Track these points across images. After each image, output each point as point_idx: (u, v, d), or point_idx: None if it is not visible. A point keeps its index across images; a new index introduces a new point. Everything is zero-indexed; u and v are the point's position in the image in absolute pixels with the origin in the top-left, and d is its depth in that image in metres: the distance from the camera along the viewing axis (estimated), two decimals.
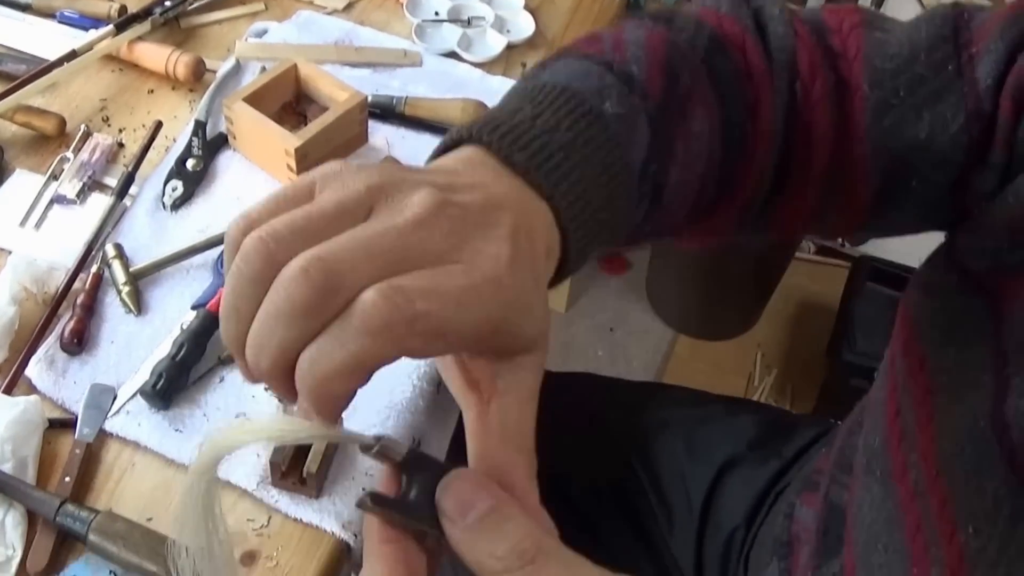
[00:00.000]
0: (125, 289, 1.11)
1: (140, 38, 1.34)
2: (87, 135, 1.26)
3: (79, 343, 1.07)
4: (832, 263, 2.66)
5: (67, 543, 0.97)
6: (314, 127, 1.21)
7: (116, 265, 1.13)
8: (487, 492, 0.49)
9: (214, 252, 1.16)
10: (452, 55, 1.42)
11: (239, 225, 0.50)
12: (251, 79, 1.30)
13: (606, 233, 0.62)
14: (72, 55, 1.27)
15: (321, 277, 0.46)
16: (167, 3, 1.37)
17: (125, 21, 1.33)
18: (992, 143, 0.76)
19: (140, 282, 1.12)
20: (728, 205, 0.79)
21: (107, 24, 1.34)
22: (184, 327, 1.08)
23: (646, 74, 0.69)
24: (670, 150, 0.69)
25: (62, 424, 1.04)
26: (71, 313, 1.09)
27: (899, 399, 0.85)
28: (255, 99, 1.23)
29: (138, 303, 1.11)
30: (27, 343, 1.06)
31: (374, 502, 0.49)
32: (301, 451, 0.98)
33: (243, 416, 1.05)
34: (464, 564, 0.49)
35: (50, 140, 1.27)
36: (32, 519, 0.97)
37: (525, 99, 0.63)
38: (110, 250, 1.14)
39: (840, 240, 2.58)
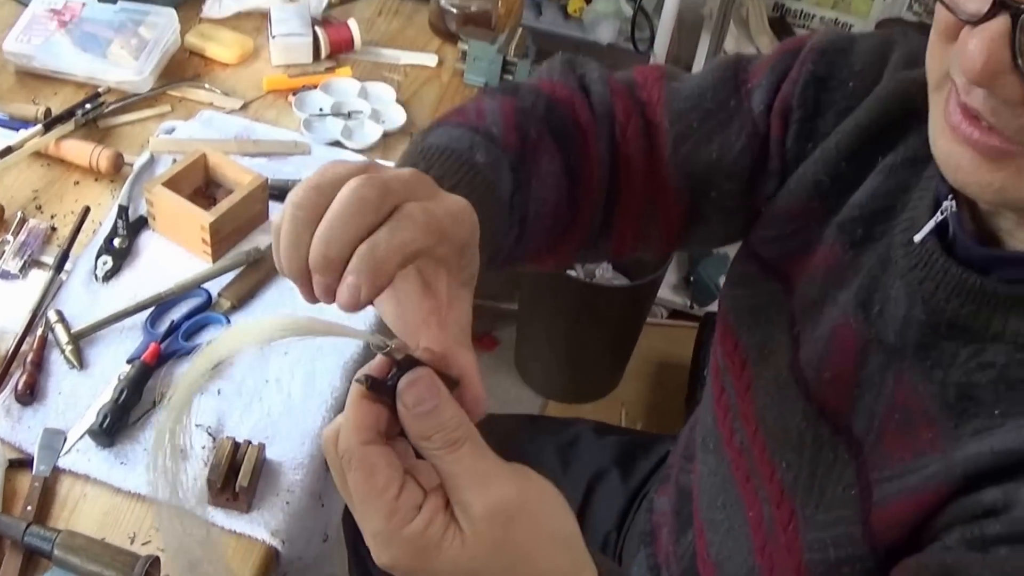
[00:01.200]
0: (68, 348, 1.29)
1: (65, 136, 1.53)
2: (23, 220, 1.45)
3: (31, 394, 1.25)
4: (683, 325, 2.90)
5: (33, 560, 1.13)
6: (224, 205, 1.41)
7: (59, 328, 1.31)
8: (435, 392, 0.65)
9: (143, 315, 1.34)
10: (336, 144, 1.64)
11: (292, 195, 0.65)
12: (164, 169, 1.50)
13: (487, 252, 0.80)
14: (7, 151, 1.46)
15: (379, 185, 0.63)
16: (87, 106, 1.56)
17: (51, 122, 1.53)
18: (768, 155, 1.03)
19: (81, 341, 1.30)
20: (575, 230, 1.03)
21: (35, 125, 1.53)
22: (122, 377, 1.26)
23: (503, 132, 0.94)
24: (527, 188, 0.94)
25: (20, 463, 1.21)
26: (22, 369, 1.26)
27: (722, 380, 1.08)
28: (171, 184, 1.43)
29: (80, 359, 1.29)
30: None
31: (371, 382, 0.65)
32: (232, 470, 1.17)
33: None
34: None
35: None
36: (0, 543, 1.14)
37: (418, 158, 0.87)
38: (52, 316, 1.33)
39: (689, 303, 2.84)
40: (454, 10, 1.81)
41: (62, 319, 1.32)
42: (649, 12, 2.75)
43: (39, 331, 1.31)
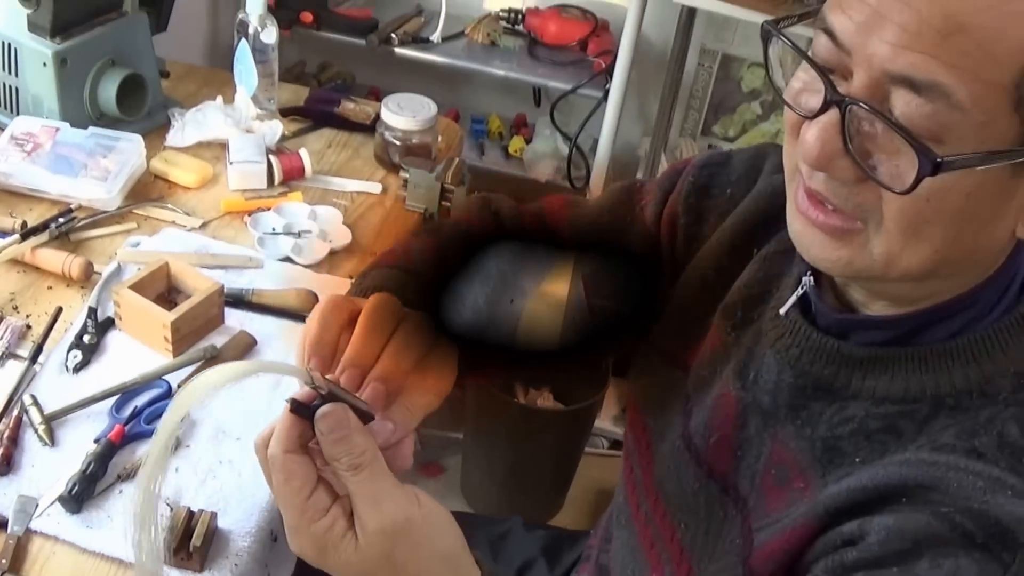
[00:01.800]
0: (41, 427, 1.44)
1: (40, 246, 1.70)
2: (1, 318, 1.60)
3: (8, 464, 1.39)
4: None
5: None
6: (184, 306, 1.57)
7: (32, 410, 1.46)
8: (345, 424, 0.82)
9: (108, 402, 1.49)
10: (287, 259, 1.80)
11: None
12: (130, 276, 1.66)
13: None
14: None
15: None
16: (60, 220, 1.73)
17: (27, 233, 1.69)
18: (662, 257, 1.19)
19: (53, 423, 1.45)
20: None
21: (12, 235, 1.69)
22: (89, 453, 1.40)
23: (424, 266, 1.14)
24: None
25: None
26: None
27: (631, 461, 1.21)
28: (137, 288, 1.59)
29: (51, 437, 1.43)
30: None
31: (295, 404, 0.82)
32: (187, 534, 1.31)
33: None
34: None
35: None
36: None
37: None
38: (27, 399, 1.47)
39: None
40: (397, 143, 1.99)
41: (36, 402, 1.47)
42: (585, 152, 2.92)
43: (15, 412, 1.45)
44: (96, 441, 1.44)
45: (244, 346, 1.61)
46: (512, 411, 2.64)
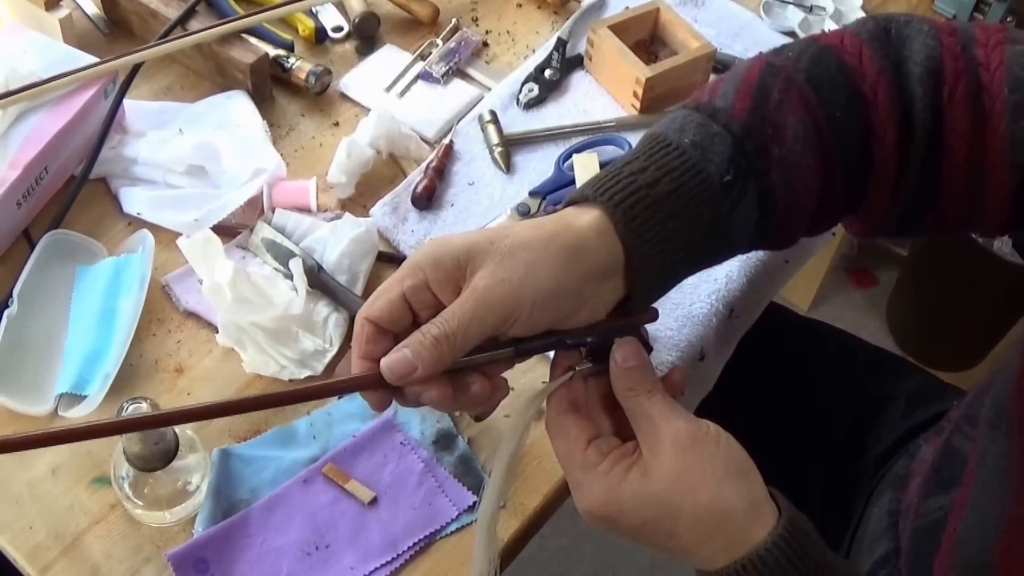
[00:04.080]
0: (498, 150, 1.25)
1: None
2: (456, 28, 1.38)
3: (429, 199, 1.18)
4: None
5: None
6: (666, 64, 1.29)
7: (491, 128, 1.26)
8: (640, 353, 0.77)
9: (558, 148, 1.26)
10: (791, 34, 1.49)
11: None
12: (613, 14, 1.39)
13: (681, 238, 0.76)
14: None
15: None
16: None
17: None
18: None
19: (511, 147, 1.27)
20: (871, 196, 0.85)
21: None
22: (520, 210, 1.17)
23: (732, 102, 0.79)
24: (765, 156, 0.78)
25: (390, 259, 1.15)
26: (423, 174, 1.20)
27: None
28: (617, 29, 1.32)
29: (507, 163, 1.25)
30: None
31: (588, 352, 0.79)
32: None
33: None
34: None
35: (421, 26, 1.39)
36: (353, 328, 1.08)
37: (639, 148, 0.79)
38: (486, 113, 1.27)
39: None
40: None
41: (495, 120, 1.27)
42: None
43: (445, 140, 1.24)
44: (531, 193, 1.20)
45: None
46: (966, 251, 2.37)
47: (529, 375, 0.99)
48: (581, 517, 0.77)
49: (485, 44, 1.39)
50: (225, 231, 1.12)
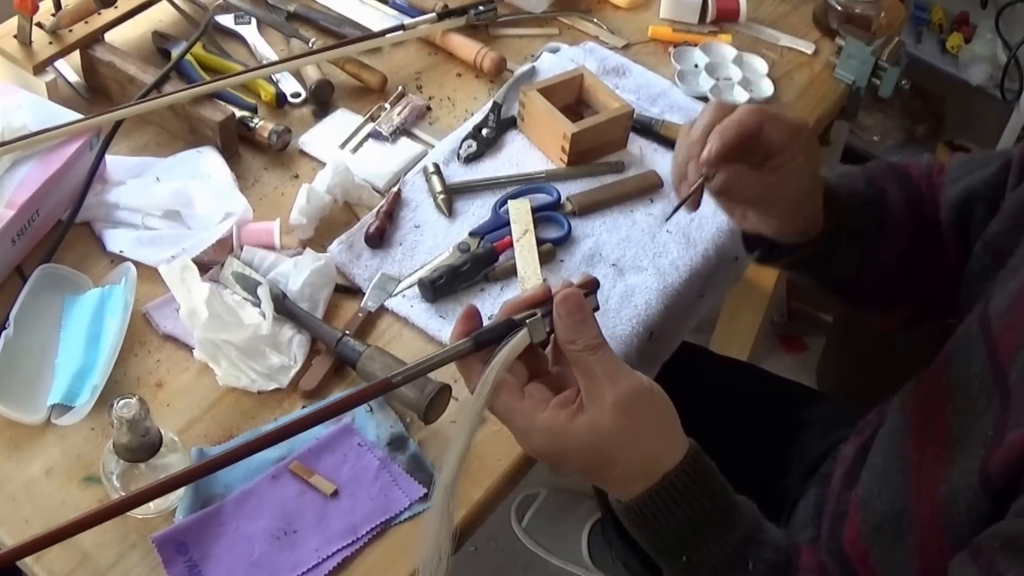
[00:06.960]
0: (441, 197, 1.40)
1: (454, 30, 1.62)
2: (403, 94, 1.54)
3: (380, 238, 1.32)
4: None
5: (339, 372, 1.21)
6: (589, 121, 1.46)
7: (435, 179, 1.42)
8: (582, 307, 0.86)
9: (491, 198, 1.41)
10: (703, 98, 1.65)
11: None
12: (541, 79, 1.56)
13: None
14: (400, 27, 1.55)
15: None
16: (481, 8, 1.63)
17: (445, 14, 1.61)
18: None
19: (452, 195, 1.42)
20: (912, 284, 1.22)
21: (430, 14, 1.61)
22: (461, 248, 1.32)
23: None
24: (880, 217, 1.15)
25: (346, 291, 1.30)
26: (374, 217, 1.34)
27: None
28: (546, 92, 1.48)
29: (449, 208, 1.40)
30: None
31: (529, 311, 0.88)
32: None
33: None
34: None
35: (371, 92, 1.55)
36: (314, 348, 1.23)
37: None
38: (430, 166, 1.43)
39: None
40: (839, 8, 1.80)
41: (438, 172, 1.43)
42: (1023, 64, 2.70)
43: (393, 189, 1.39)
44: (471, 235, 1.35)
45: (649, 185, 1.47)
46: None
47: None
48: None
49: (428, 108, 1.54)
50: (199, 267, 1.25)
